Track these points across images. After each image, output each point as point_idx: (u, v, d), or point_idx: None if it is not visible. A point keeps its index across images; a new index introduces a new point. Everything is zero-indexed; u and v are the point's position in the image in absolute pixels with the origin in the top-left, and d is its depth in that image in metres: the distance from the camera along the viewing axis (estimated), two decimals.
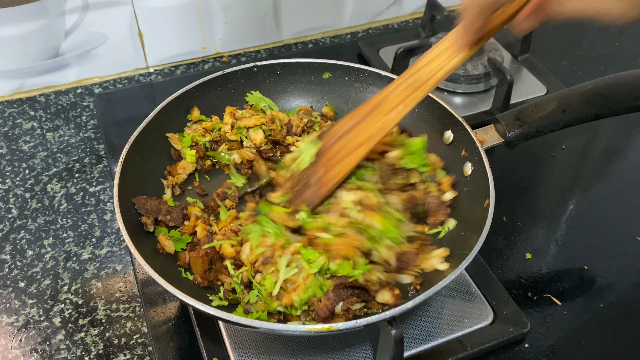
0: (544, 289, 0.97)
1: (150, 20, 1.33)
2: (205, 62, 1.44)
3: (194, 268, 0.86)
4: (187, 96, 1.05)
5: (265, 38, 1.48)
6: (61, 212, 1.10)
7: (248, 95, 1.11)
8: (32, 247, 1.04)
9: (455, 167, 1.00)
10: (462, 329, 0.88)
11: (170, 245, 0.89)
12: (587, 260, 1.02)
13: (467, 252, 0.81)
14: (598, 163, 1.22)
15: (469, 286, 0.94)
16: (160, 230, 0.91)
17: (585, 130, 1.18)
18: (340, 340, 0.86)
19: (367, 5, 1.53)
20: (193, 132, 1.05)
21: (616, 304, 0.96)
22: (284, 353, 0.85)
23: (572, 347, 0.90)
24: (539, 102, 0.98)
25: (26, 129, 1.26)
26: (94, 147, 1.22)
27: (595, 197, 1.14)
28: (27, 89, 1.34)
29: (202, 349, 0.86)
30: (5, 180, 1.15)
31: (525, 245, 1.04)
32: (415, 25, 1.57)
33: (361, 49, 1.44)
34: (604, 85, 0.97)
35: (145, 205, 0.90)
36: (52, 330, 0.92)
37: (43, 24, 1.25)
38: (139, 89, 1.36)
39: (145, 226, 0.90)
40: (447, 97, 1.30)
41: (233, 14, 1.39)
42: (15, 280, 0.99)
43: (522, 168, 1.18)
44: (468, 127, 0.98)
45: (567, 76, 1.37)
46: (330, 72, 1.13)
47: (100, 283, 0.99)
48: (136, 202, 0.90)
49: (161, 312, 0.92)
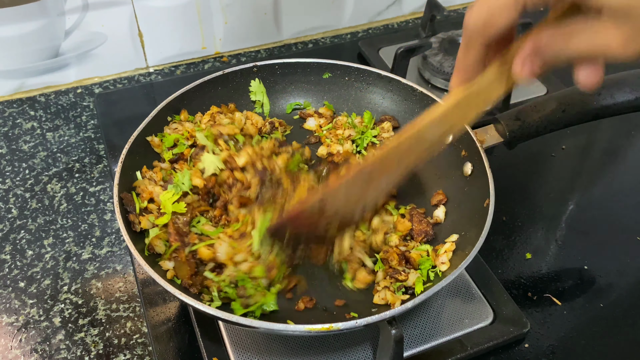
0: (544, 289, 0.97)
1: (150, 20, 1.33)
2: (205, 62, 1.44)
3: (179, 273, 0.84)
4: (187, 96, 1.05)
5: (265, 38, 1.48)
6: (61, 212, 1.10)
7: (252, 83, 1.11)
8: (32, 247, 1.04)
9: (456, 167, 1.00)
10: (462, 329, 0.88)
11: (161, 246, 0.86)
12: (587, 260, 1.02)
13: (467, 252, 0.81)
14: (598, 163, 1.22)
15: (469, 286, 0.94)
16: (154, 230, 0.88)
17: (585, 130, 1.18)
18: (340, 340, 0.86)
19: (367, 5, 1.53)
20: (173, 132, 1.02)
21: (616, 304, 0.96)
22: (284, 353, 0.85)
23: (572, 347, 0.90)
24: (539, 102, 0.98)
25: (26, 129, 1.26)
26: (94, 147, 1.22)
27: (595, 197, 1.14)
28: (27, 89, 1.34)
29: (202, 349, 0.86)
30: (5, 180, 1.15)
31: (525, 245, 1.04)
32: (415, 25, 1.58)
33: (361, 49, 1.44)
34: (604, 85, 0.97)
35: (132, 201, 0.89)
36: (52, 330, 0.92)
37: (43, 24, 1.25)
38: (139, 89, 1.36)
39: (133, 225, 0.86)
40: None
41: (233, 14, 1.39)
42: (15, 280, 0.99)
43: (522, 168, 1.18)
44: (468, 127, 0.98)
45: (567, 76, 1.36)
46: (330, 72, 1.13)
47: (100, 283, 0.99)
48: (124, 198, 0.88)
49: (161, 312, 0.92)
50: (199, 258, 0.85)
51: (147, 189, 0.91)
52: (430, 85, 1.33)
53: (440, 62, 1.30)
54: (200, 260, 0.86)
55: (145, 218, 0.87)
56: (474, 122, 0.70)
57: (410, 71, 1.31)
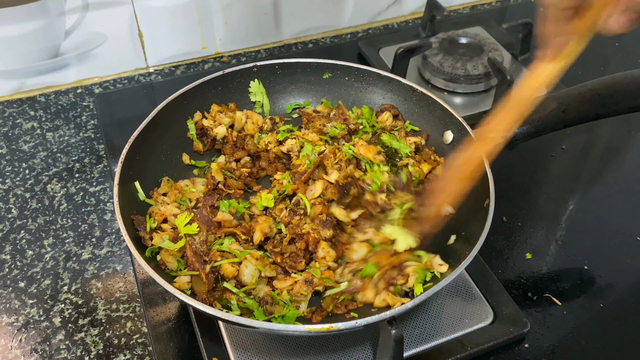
0: (544, 289, 0.97)
1: (150, 20, 1.33)
2: (205, 62, 1.44)
3: (196, 288, 0.83)
4: (187, 96, 1.05)
5: (265, 38, 1.48)
6: (61, 212, 1.10)
7: (251, 84, 1.11)
8: (32, 247, 1.04)
9: None
10: (462, 329, 0.88)
11: (173, 262, 0.86)
12: (587, 260, 1.02)
13: (467, 252, 0.81)
14: (598, 163, 1.22)
15: (469, 286, 0.94)
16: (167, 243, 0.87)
17: (585, 130, 1.18)
18: (340, 340, 0.86)
19: (367, 5, 1.53)
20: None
21: (616, 304, 0.96)
22: (284, 353, 0.85)
23: (572, 347, 0.90)
24: (539, 102, 0.98)
25: (26, 129, 1.26)
26: (94, 147, 1.22)
27: (595, 197, 1.14)
28: (27, 89, 1.34)
29: (202, 349, 0.86)
30: (5, 180, 1.15)
31: (525, 245, 1.04)
32: (415, 25, 1.58)
33: (361, 49, 1.44)
34: (604, 85, 0.97)
35: (144, 223, 0.89)
36: (52, 330, 0.92)
37: (43, 24, 1.25)
38: (139, 89, 1.36)
39: (143, 240, 0.87)
40: (447, 97, 1.30)
41: (233, 14, 1.39)
42: (15, 280, 0.99)
43: (522, 168, 1.18)
44: (468, 127, 0.98)
45: (567, 76, 1.36)
46: (330, 72, 1.13)
47: (100, 283, 0.99)
48: (135, 220, 0.88)
49: (161, 312, 0.92)
50: (221, 274, 0.85)
51: (160, 211, 0.91)
52: (430, 85, 1.33)
53: (440, 62, 1.30)
54: (222, 276, 0.85)
55: (159, 235, 0.86)
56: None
57: (410, 71, 1.31)
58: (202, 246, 0.87)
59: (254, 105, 1.13)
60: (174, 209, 0.93)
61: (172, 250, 0.86)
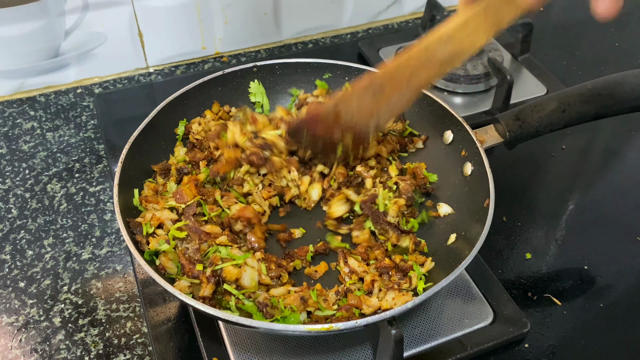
0: (544, 289, 0.97)
1: (150, 20, 1.33)
2: (205, 62, 1.44)
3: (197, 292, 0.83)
4: (187, 96, 1.05)
5: (265, 38, 1.48)
6: (61, 212, 1.10)
7: (251, 84, 1.11)
8: (32, 247, 1.04)
9: (455, 167, 1.00)
10: (462, 329, 0.88)
11: (172, 267, 0.85)
12: (587, 260, 1.02)
13: (467, 252, 0.81)
14: (598, 163, 1.22)
15: (469, 286, 0.94)
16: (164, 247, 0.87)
17: (586, 130, 1.18)
18: (340, 340, 0.86)
19: (367, 5, 1.53)
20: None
21: (616, 304, 0.96)
22: (284, 353, 0.85)
23: (572, 347, 0.90)
24: (539, 102, 0.98)
25: (26, 129, 1.26)
26: (94, 147, 1.22)
27: (595, 197, 1.14)
28: (27, 89, 1.34)
29: (202, 349, 0.86)
30: (5, 180, 1.15)
31: (525, 245, 1.04)
32: (415, 25, 1.57)
33: (361, 49, 1.44)
34: (604, 85, 0.97)
35: (140, 226, 0.88)
36: (52, 330, 0.92)
37: (43, 24, 1.25)
38: (139, 89, 1.36)
39: (140, 244, 0.86)
40: (447, 97, 1.30)
41: (233, 14, 1.39)
42: (15, 280, 0.99)
43: (522, 168, 1.18)
44: (468, 127, 0.98)
45: (567, 76, 1.37)
46: (330, 72, 1.13)
47: (100, 283, 0.99)
48: (131, 223, 0.88)
49: (161, 312, 0.92)
50: (222, 277, 0.84)
51: (155, 216, 0.90)
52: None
53: None
54: (223, 279, 0.84)
55: (155, 240, 0.86)
56: (484, 46, 0.75)
57: None
58: (196, 255, 0.86)
59: (254, 106, 1.13)
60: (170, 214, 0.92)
61: (170, 253, 0.86)
